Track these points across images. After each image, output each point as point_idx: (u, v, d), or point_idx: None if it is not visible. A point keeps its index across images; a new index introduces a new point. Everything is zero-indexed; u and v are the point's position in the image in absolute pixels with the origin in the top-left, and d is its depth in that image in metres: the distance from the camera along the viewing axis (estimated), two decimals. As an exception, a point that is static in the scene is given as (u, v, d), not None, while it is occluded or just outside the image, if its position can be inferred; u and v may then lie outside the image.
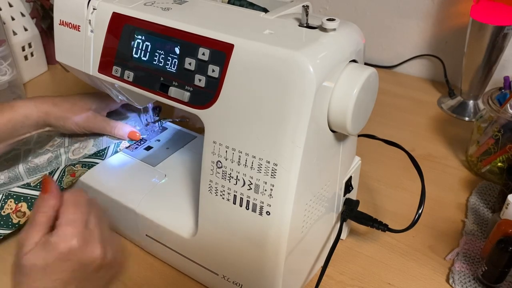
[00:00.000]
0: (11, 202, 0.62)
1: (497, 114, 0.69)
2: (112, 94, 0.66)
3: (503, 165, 0.71)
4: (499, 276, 0.55)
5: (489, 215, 0.66)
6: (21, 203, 0.62)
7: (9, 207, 0.62)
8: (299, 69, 0.42)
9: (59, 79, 1.04)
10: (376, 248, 0.63)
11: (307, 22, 0.48)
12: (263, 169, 0.46)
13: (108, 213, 0.50)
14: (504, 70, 0.91)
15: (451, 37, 0.98)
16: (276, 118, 0.44)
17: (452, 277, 0.58)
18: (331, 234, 0.60)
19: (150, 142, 0.70)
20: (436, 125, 0.88)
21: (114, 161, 0.67)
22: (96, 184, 0.64)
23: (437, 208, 0.69)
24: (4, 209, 0.62)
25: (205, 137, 0.50)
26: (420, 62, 1.04)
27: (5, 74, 0.91)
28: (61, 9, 0.59)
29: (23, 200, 0.62)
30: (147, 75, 0.53)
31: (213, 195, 0.51)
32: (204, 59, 0.48)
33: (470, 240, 0.63)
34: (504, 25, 0.79)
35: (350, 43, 0.48)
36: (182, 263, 0.58)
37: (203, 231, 0.54)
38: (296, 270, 0.54)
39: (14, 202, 0.62)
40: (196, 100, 0.49)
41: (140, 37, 0.52)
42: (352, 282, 0.59)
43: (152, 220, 0.58)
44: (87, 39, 0.57)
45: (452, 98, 0.94)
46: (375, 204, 0.70)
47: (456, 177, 0.75)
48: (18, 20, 0.98)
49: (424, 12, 0.98)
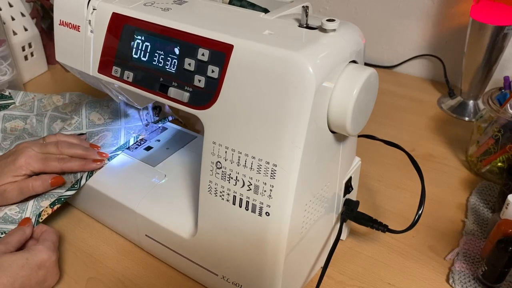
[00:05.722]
0: None
1: (497, 114, 0.69)
2: (112, 94, 0.66)
3: (503, 165, 0.71)
4: (499, 276, 0.55)
5: (489, 215, 0.66)
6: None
7: None
8: (298, 70, 0.42)
9: (59, 79, 1.04)
10: (376, 248, 0.63)
11: (307, 22, 0.48)
12: (263, 170, 0.46)
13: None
14: (504, 70, 0.91)
15: (451, 37, 0.98)
16: (275, 118, 0.44)
17: (452, 277, 0.58)
18: (331, 235, 0.60)
19: (150, 142, 0.70)
20: (436, 125, 0.88)
21: (114, 161, 0.67)
22: (96, 184, 0.64)
23: (437, 208, 0.69)
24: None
25: (205, 138, 0.50)
26: (420, 62, 1.04)
27: (5, 74, 0.91)
28: (61, 9, 0.59)
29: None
30: (146, 75, 0.53)
31: (213, 196, 0.51)
32: (204, 60, 0.48)
33: (470, 240, 0.63)
34: (504, 25, 0.79)
35: (350, 43, 0.48)
36: (181, 263, 0.58)
37: (203, 231, 0.54)
38: (295, 271, 0.54)
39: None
40: (195, 101, 0.49)
41: (140, 38, 0.52)
42: (352, 282, 0.59)
43: (151, 220, 0.58)
44: (87, 39, 0.57)
45: (452, 98, 0.94)
46: (375, 204, 0.70)
47: (456, 177, 0.75)
48: (18, 20, 0.98)
49: (424, 12, 0.98)
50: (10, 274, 0.51)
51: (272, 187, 0.46)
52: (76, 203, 0.69)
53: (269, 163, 0.46)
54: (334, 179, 0.54)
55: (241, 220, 0.49)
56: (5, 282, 0.50)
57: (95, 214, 0.67)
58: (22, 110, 0.82)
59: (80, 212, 0.68)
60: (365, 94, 0.47)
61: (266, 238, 0.48)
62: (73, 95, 0.87)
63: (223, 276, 0.54)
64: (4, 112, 0.80)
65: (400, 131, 0.86)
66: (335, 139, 0.51)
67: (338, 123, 0.47)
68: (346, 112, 0.45)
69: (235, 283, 0.54)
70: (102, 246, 0.63)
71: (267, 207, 0.47)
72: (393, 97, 0.97)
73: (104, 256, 0.62)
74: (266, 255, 0.49)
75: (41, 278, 0.54)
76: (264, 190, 0.47)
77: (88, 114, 0.75)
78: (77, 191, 0.65)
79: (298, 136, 0.44)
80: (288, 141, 0.44)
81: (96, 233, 0.65)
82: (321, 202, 0.53)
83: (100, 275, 0.59)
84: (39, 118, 0.80)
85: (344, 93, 0.45)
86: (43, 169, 0.63)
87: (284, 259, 0.49)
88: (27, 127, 0.79)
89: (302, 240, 0.51)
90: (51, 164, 0.63)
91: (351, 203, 0.60)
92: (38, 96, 0.87)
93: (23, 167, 0.62)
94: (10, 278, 0.51)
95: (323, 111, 0.46)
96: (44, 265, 0.54)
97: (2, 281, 0.50)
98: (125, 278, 0.59)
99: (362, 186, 0.72)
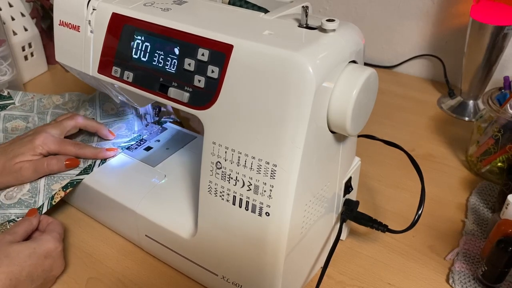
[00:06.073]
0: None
1: (497, 114, 0.69)
2: (112, 94, 0.66)
3: (503, 165, 0.71)
4: (499, 276, 0.55)
5: (489, 215, 0.66)
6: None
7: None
8: (298, 70, 0.42)
9: (59, 79, 1.04)
10: (376, 248, 0.63)
11: (306, 22, 0.48)
12: (263, 170, 0.46)
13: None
14: (504, 70, 0.91)
15: (451, 37, 0.98)
16: (275, 118, 0.44)
17: (452, 277, 0.58)
18: (331, 235, 0.60)
19: (150, 143, 0.70)
20: (436, 125, 0.88)
21: (114, 162, 0.67)
22: (96, 184, 0.64)
23: (437, 208, 0.69)
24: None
25: (205, 138, 0.50)
26: (420, 62, 1.04)
27: (5, 74, 0.91)
28: (61, 9, 0.59)
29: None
30: (146, 75, 0.53)
31: (213, 196, 0.51)
32: (204, 60, 0.48)
33: (470, 240, 0.63)
34: (504, 25, 0.79)
35: (350, 43, 0.48)
36: (181, 264, 0.58)
37: (203, 231, 0.54)
38: (295, 271, 0.54)
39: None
40: (195, 101, 0.49)
41: (140, 38, 0.52)
42: (352, 282, 0.59)
43: (151, 221, 0.58)
44: (87, 40, 0.57)
45: (452, 98, 0.94)
46: (375, 204, 0.70)
47: (456, 177, 0.75)
48: (18, 20, 0.98)
49: (424, 12, 0.98)
50: (18, 262, 0.52)
51: (272, 187, 0.46)
52: (76, 204, 0.69)
53: (269, 163, 0.46)
54: (334, 179, 0.54)
55: (241, 220, 0.49)
56: (14, 270, 0.51)
57: (95, 214, 0.67)
58: (22, 110, 0.82)
59: (80, 212, 0.68)
60: (365, 94, 0.47)
61: (266, 238, 0.48)
62: (72, 95, 0.87)
63: (223, 276, 0.54)
64: (4, 112, 0.80)
65: (400, 131, 0.86)
66: (335, 139, 0.51)
67: (338, 123, 0.47)
68: (346, 112, 0.45)
69: (235, 283, 0.54)
70: (102, 246, 0.63)
71: (267, 207, 0.47)
72: (393, 97, 0.97)
73: (104, 256, 0.62)
74: (266, 255, 0.49)
75: (47, 267, 0.55)
76: (264, 190, 0.47)
77: (102, 105, 0.77)
78: (77, 191, 0.65)
79: (298, 136, 0.44)
80: (288, 141, 0.44)
81: (96, 233, 0.65)
82: (321, 202, 0.53)
83: (100, 275, 0.59)
84: (41, 116, 0.80)
85: (344, 93, 0.45)
86: (58, 151, 0.66)
87: (284, 259, 0.49)
88: (29, 126, 0.79)
89: (302, 240, 0.51)
90: (67, 147, 0.66)
91: (351, 203, 0.60)
92: (37, 96, 0.87)
93: (39, 147, 0.64)
94: (18, 266, 0.52)
95: (323, 111, 0.46)
96: (50, 255, 0.56)
97: (11, 269, 0.51)
98: (125, 278, 0.59)
99: (362, 186, 0.72)
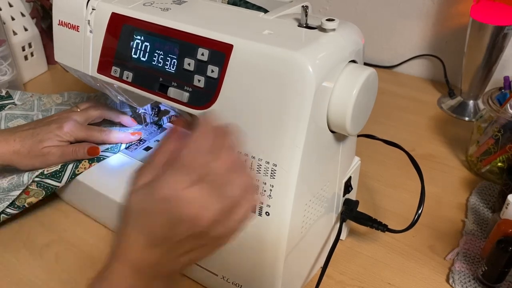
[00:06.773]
0: None
1: (497, 114, 0.69)
2: (111, 94, 0.66)
3: (503, 165, 0.71)
4: (499, 276, 0.55)
5: (489, 215, 0.66)
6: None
7: None
8: (298, 69, 0.42)
9: (59, 79, 1.04)
10: (376, 248, 0.63)
11: (306, 22, 0.48)
12: (263, 170, 0.46)
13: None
14: (504, 70, 0.91)
15: (451, 37, 0.98)
16: (275, 118, 0.44)
17: (452, 277, 0.58)
18: (331, 235, 0.60)
19: (150, 143, 0.70)
20: (436, 125, 0.88)
21: (114, 162, 0.67)
22: (95, 184, 0.64)
23: (437, 208, 0.69)
24: None
25: (205, 138, 0.50)
26: (420, 62, 1.04)
27: (5, 74, 0.91)
28: (60, 9, 0.59)
29: None
30: (146, 75, 0.53)
31: (213, 196, 0.51)
32: (204, 60, 0.47)
33: (470, 240, 0.62)
34: (504, 25, 0.79)
35: (350, 43, 0.48)
36: (181, 264, 0.58)
37: (203, 231, 0.54)
38: (295, 271, 0.54)
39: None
40: (195, 101, 0.49)
41: (139, 38, 0.52)
42: (352, 282, 0.59)
43: (151, 221, 0.58)
44: (86, 40, 0.57)
45: (452, 98, 0.94)
46: (375, 204, 0.70)
47: (456, 177, 0.75)
48: (18, 20, 0.98)
49: (424, 12, 0.98)
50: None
51: (272, 187, 0.46)
52: (76, 204, 0.69)
53: (269, 163, 0.46)
54: (334, 178, 0.54)
55: (241, 220, 0.49)
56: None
57: (95, 214, 0.67)
58: (23, 109, 0.82)
59: (80, 213, 0.68)
60: (365, 94, 0.47)
61: (266, 238, 0.48)
62: (71, 94, 0.87)
63: (223, 276, 0.54)
64: (5, 112, 0.80)
65: (400, 131, 0.86)
66: (335, 139, 0.50)
67: (338, 123, 0.46)
68: (345, 112, 0.45)
69: (235, 283, 0.54)
70: (102, 246, 0.63)
71: (267, 207, 0.47)
72: (393, 97, 0.97)
73: (104, 256, 0.62)
74: (266, 255, 0.49)
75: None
76: (264, 190, 0.47)
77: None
78: (76, 190, 0.65)
79: (298, 135, 0.44)
80: (288, 140, 0.44)
81: (96, 233, 0.65)
82: (321, 202, 0.53)
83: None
84: (45, 114, 0.80)
85: (343, 92, 0.45)
86: (85, 138, 0.68)
87: (284, 259, 0.49)
88: None
89: (302, 240, 0.51)
90: (94, 134, 0.68)
91: (350, 203, 0.60)
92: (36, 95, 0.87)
93: (67, 134, 0.66)
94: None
95: (322, 111, 0.46)
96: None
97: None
98: (124, 278, 0.59)
99: (362, 186, 0.72)
